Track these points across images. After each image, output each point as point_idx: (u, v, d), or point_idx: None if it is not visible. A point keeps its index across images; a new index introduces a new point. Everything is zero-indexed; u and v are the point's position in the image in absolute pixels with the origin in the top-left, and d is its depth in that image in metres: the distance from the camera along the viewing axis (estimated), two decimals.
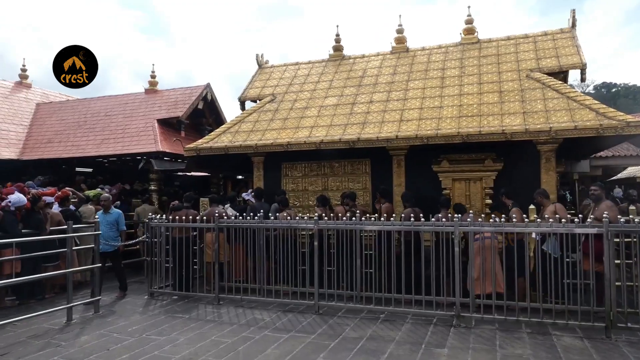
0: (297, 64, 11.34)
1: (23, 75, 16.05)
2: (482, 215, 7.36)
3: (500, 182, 7.61)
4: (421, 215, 6.38)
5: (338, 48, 11.18)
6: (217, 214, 7.40)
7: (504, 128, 7.24)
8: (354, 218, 6.58)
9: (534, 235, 6.13)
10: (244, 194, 10.09)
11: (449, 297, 6.09)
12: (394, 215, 7.57)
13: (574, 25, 9.32)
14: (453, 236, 6.04)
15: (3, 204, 7.19)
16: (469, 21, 10.16)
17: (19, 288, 7.25)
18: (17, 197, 7.35)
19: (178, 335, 5.55)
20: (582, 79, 9.02)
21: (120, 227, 7.90)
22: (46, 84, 17.61)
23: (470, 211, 6.63)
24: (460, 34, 10.21)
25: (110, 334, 5.65)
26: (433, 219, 6.46)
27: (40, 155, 12.77)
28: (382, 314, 6.30)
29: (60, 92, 17.36)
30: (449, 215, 6.75)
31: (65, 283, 7.20)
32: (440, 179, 8.04)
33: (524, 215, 6.56)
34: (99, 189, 10.87)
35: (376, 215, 7.27)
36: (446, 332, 5.54)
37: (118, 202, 10.41)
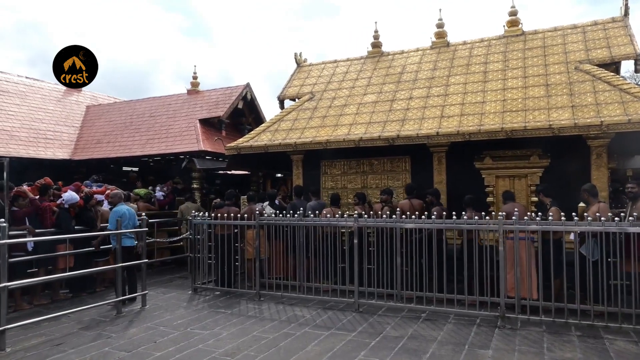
0: (335, 61, 11.34)
1: None
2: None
3: (547, 179, 7.33)
4: (453, 213, 6.22)
5: (376, 44, 11.09)
6: (257, 212, 7.51)
7: (551, 123, 6.96)
8: (394, 216, 6.51)
9: (571, 236, 5.90)
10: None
11: (493, 297, 5.92)
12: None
13: (626, 13, 8.85)
14: (497, 235, 5.87)
15: (58, 202, 7.56)
16: (513, 13, 9.83)
17: (72, 282, 7.61)
18: (69, 195, 7.71)
19: (221, 330, 5.68)
20: (636, 70, 8.55)
21: (135, 223, 7.22)
22: (94, 87, 18.39)
23: (516, 209, 6.40)
24: (504, 26, 9.90)
25: (157, 327, 5.85)
26: (466, 218, 6.30)
27: (90, 155, 13.37)
28: (423, 313, 6.21)
29: (109, 95, 18.15)
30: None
31: (114, 277, 7.52)
32: (483, 176, 7.83)
33: (562, 214, 6.32)
34: (148, 189, 11.37)
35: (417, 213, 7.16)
36: (490, 333, 5.40)
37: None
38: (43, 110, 14.40)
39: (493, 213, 6.33)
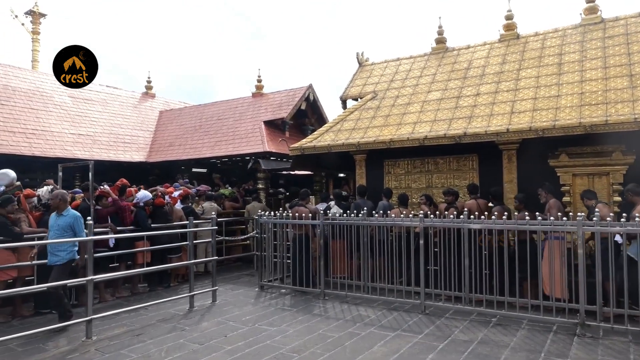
0: (398, 59, 11.18)
1: (148, 87, 17.93)
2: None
3: (632, 177, 6.76)
4: (526, 214, 5.91)
5: (441, 40, 10.80)
6: (322, 211, 7.58)
7: (636, 116, 6.42)
8: (461, 216, 6.31)
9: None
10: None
11: (571, 303, 5.57)
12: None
13: None
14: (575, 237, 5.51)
15: (134, 201, 8.07)
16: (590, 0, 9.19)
17: (149, 276, 8.11)
18: (143, 194, 8.22)
19: (287, 327, 5.79)
20: None
21: (78, 232, 5.86)
22: (166, 93, 19.44)
23: (597, 206, 5.96)
24: (581, 14, 9.27)
25: (227, 322, 6.08)
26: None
27: (163, 157, 14.16)
28: (493, 318, 5.96)
29: (180, 100, 19.13)
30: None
31: (186, 273, 7.91)
32: (558, 174, 7.38)
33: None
34: (230, 188, 12.03)
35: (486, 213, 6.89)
36: (569, 342, 5.07)
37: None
38: (121, 116, 15.46)
39: (570, 214, 5.93)
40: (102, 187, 7.75)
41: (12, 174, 7.45)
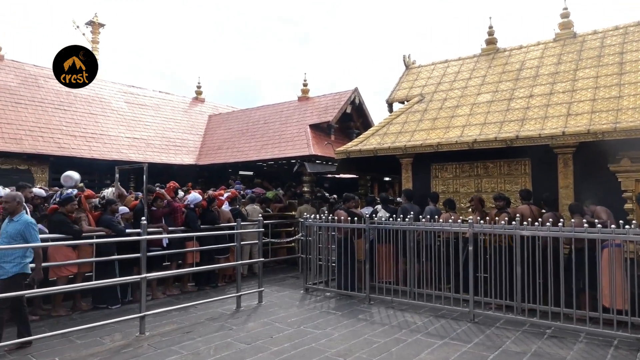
0: (446, 61, 10.96)
1: (198, 92, 18.52)
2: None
3: None
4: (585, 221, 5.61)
5: (491, 41, 10.50)
6: (367, 215, 7.53)
7: None
8: (513, 222, 6.08)
9: None
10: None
11: (634, 317, 5.23)
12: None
13: None
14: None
15: (185, 202, 8.33)
16: None
17: (197, 276, 8.34)
18: (194, 196, 8.47)
19: (332, 331, 5.78)
20: None
21: (30, 241, 5.10)
22: (215, 98, 20.01)
23: None
24: None
25: (273, 323, 6.14)
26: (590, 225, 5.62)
27: (212, 160, 14.56)
28: (548, 329, 5.69)
29: (228, 104, 19.63)
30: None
31: (233, 274, 8.06)
32: (620, 179, 6.98)
33: None
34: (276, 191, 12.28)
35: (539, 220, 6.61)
36: (631, 358, 4.76)
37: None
38: (173, 121, 16.04)
39: (634, 222, 5.57)
40: (159, 190, 8.10)
41: (76, 175, 7.99)
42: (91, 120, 13.39)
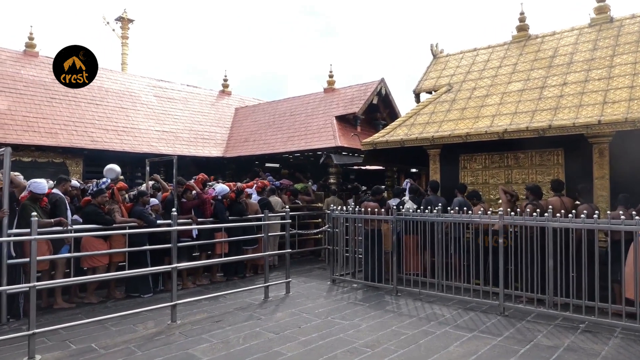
0: (475, 49, 10.72)
1: (225, 85, 18.70)
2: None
3: None
4: (635, 213, 5.41)
5: (523, 28, 10.19)
6: (394, 207, 7.48)
7: None
8: (546, 214, 5.93)
9: None
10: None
11: None
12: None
13: None
14: None
15: (213, 194, 8.45)
16: None
17: (225, 266, 8.47)
18: (221, 187, 8.58)
19: (360, 322, 5.79)
20: None
21: None
22: (241, 90, 20.14)
23: None
24: None
25: (300, 314, 6.20)
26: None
27: (239, 152, 14.70)
28: (581, 324, 5.55)
29: (254, 97, 19.75)
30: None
31: (261, 265, 8.14)
32: None
33: None
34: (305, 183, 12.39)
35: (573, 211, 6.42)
36: None
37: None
38: (200, 114, 16.26)
39: None
40: (189, 182, 8.25)
41: (117, 168, 8.34)
42: (122, 114, 13.70)
